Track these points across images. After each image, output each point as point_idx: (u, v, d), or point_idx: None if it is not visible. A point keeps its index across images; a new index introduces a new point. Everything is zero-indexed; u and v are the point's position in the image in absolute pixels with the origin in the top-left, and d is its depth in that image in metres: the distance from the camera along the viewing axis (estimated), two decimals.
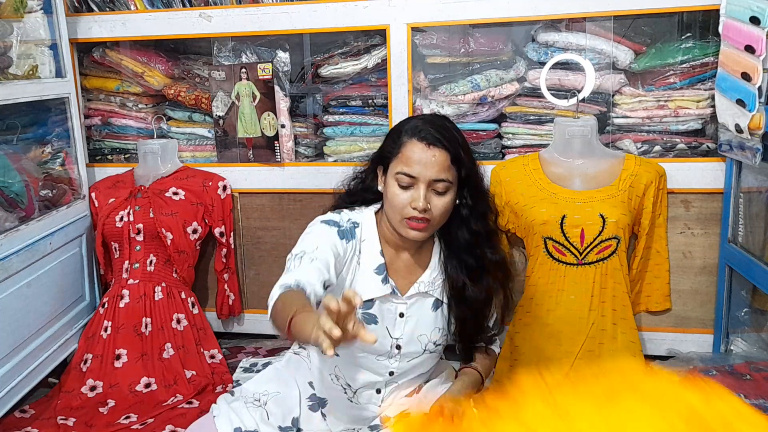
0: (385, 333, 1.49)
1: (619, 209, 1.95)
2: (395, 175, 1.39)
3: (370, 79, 2.33)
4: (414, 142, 1.38)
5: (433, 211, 1.38)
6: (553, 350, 2.01)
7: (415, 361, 1.53)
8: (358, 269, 1.45)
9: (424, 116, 1.49)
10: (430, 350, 1.53)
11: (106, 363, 2.17)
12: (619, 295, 2.00)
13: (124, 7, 2.39)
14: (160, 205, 2.27)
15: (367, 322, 1.47)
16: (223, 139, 2.42)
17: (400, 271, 1.50)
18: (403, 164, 1.38)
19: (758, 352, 1.95)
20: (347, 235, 1.43)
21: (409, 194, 1.37)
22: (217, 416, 1.46)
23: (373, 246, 1.46)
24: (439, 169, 1.37)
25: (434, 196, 1.38)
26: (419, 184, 1.37)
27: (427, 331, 1.52)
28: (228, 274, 2.44)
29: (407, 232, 1.39)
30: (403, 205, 1.37)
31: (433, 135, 1.38)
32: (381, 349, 1.49)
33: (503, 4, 2.10)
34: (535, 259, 2.05)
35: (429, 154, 1.37)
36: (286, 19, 2.25)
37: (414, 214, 1.36)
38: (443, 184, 1.38)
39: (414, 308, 1.49)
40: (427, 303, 1.51)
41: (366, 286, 1.44)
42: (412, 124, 1.42)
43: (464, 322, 1.53)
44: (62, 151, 2.36)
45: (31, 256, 2.07)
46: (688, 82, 2.09)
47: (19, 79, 2.10)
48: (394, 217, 1.40)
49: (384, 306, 1.48)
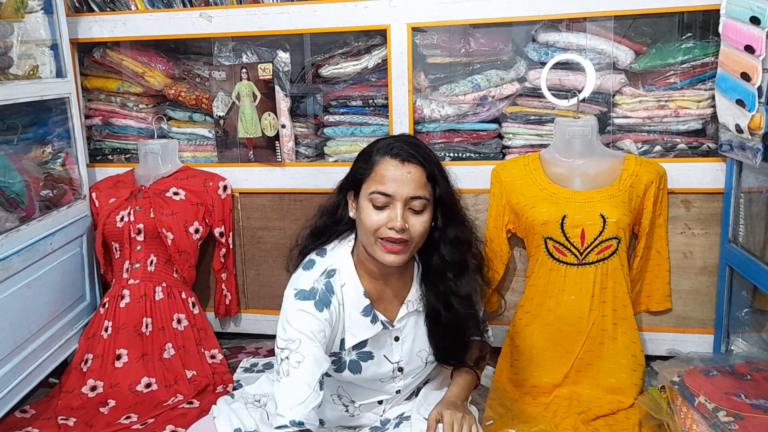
0: (383, 361, 1.47)
1: (619, 209, 1.95)
2: (369, 196, 1.32)
3: (371, 79, 2.33)
4: (387, 160, 1.32)
5: (411, 231, 1.31)
6: (553, 350, 2.01)
7: (419, 375, 1.54)
8: (344, 315, 1.39)
9: (394, 136, 1.44)
10: (430, 361, 1.53)
11: (106, 363, 2.17)
12: (620, 295, 2.00)
13: (125, 7, 2.39)
14: (160, 205, 2.27)
15: (363, 360, 1.45)
16: (223, 139, 2.42)
17: (388, 299, 1.45)
18: (377, 183, 1.31)
19: (759, 352, 1.95)
20: (325, 302, 1.36)
21: (385, 214, 1.30)
22: (217, 417, 1.47)
23: (356, 289, 1.40)
24: (416, 186, 1.30)
25: (411, 216, 1.31)
26: (395, 203, 1.30)
27: (425, 346, 1.51)
28: (226, 274, 2.45)
29: (383, 256, 1.31)
30: (379, 226, 1.30)
31: (407, 151, 1.32)
32: (384, 375, 1.48)
33: (503, 4, 2.10)
34: (535, 259, 2.05)
35: (404, 171, 1.30)
36: (286, 19, 2.25)
37: (391, 234, 1.29)
38: (420, 202, 1.31)
39: (407, 329, 1.47)
40: (419, 320, 1.48)
41: (355, 331, 1.40)
42: (383, 143, 1.36)
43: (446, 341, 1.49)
44: (63, 151, 2.36)
45: (32, 257, 2.07)
46: (689, 82, 2.09)
47: (20, 79, 2.11)
48: (368, 241, 1.33)
49: (378, 340, 1.45)
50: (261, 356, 2.42)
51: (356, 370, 1.45)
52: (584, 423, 1.85)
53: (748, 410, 1.60)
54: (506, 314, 2.29)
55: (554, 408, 1.94)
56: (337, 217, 1.45)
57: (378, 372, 1.47)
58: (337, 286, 1.38)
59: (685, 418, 1.68)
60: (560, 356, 2.01)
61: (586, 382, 1.99)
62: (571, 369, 2.00)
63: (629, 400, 1.94)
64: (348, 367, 1.45)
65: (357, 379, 1.46)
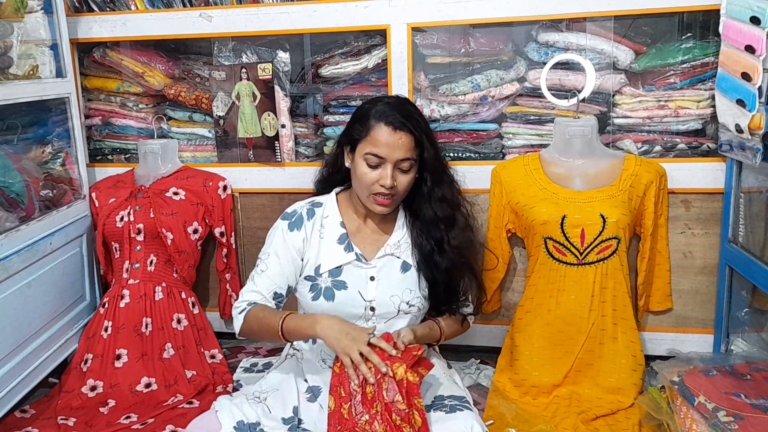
0: (356, 296, 1.59)
1: (619, 209, 1.95)
2: (364, 156, 1.52)
3: (371, 79, 2.33)
4: (381, 126, 1.51)
5: (398, 187, 1.53)
6: (553, 350, 2.01)
7: (392, 322, 1.61)
8: (321, 242, 1.60)
9: (389, 100, 1.58)
10: (404, 311, 1.61)
11: (106, 363, 2.17)
12: (620, 295, 2.00)
13: (125, 7, 2.39)
14: (160, 205, 2.27)
15: (337, 288, 1.60)
16: (223, 139, 2.42)
17: (367, 238, 1.63)
18: (371, 146, 1.51)
19: (758, 352, 1.95)
20: (297, 224, 1.61)
21: (377, 173, 1.52)
22: (219, 410, 1.48)
23: (335, 220, 1.61)
24: (405, 151, 1.51)
25: (399, 174, 1.53)
26: (386, 164, 1.51)
27: (399, 292, 1.60)
28: (230, 274, 2.45)
29: (374, 207, 1.55)
30: (371, 183, 1.52)
31: (400, 120, 1.51)
32: (356, 312, 1.59)
33: (503, 4, 2.11)
34: (535, 259, 2.06)
35: (396, 138, 1.50)
36: (286, 19, 2.25)
37: (381, 190, 1.51)
38: (408, 163, 1.53)
39: (383, 271, 1.60)
40: (395, 265, 1.61)
41: (329, 256, 1.59)
42: (378, 109, 1.53)
43: (435, 285, 1.63)
44: (63, 151, 2.36)
45: (32, 256, 2.07)
46: (689, 82, 2.09)
47: (20, 79, 2.11)
48: (362, 193, 1.56)
49: (353, 272, 1.59)
50: (261, 356, 2.42)
51: (330, 297, 1.60)
52: (584, 423, 1.85)
53: (748, 410, 1.60)
54: (506, 314, 2.29)
55: (554, 408, 1.94)
56: (338, 166, 1.66)
57: (351, 306, 1.59)
58: (319, 215, 1.62)
59: (685, 418, 1.68)
60: (560, 356, 2.01)
61: (586, 382, 1.99)
62: (570, 369, 2.00)
63: (629, 400, 1.94)
64: (323, 293, 1.60)
65: (332, 309, 1.58)
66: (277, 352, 2.43)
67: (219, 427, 1.44)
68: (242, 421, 1.46)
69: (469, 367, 2.24)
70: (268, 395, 1.59)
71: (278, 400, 1.58)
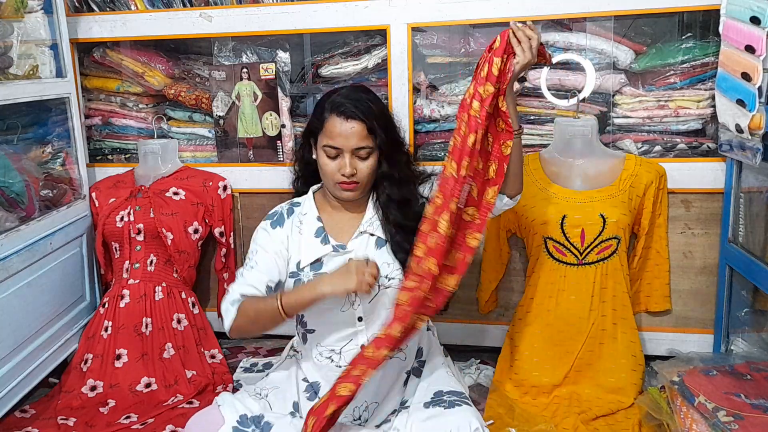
0: None
1: (619, 209, 1.95)
2: (323, 148, 1.56)
3: (371, 79, 2.33)
4: (334, 117, 1.54)
5: (359, 174, 1.56)
6: (553, 350, 2.01)
7: (376, 300, 1.59)
8: (301, 239, 1.62)
9: (342, 91, 1.60)
10: (385, 285, 1.59)
11: (106, 363, 2.17)
12: (620, 295, 2.00)
13: (125, 7, 2.39)
14: (160, 205, 2.27)
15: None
16: (223, 139, 2.42)
17: (343, 227, 1.65)
18: (327, 138, 1.55)
19: (759, 352, 1.95)
20: (279, 222, 1.66)
21: (337, 162, 1.56)
22: (221, 405, 1.49)
23: (312, 215, 1.65)
24: (359, 139, 1.54)
25: (359, 162, 1.56)
26: (344, 154, 1.54)
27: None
28: (227, 274, 2.45)
29: (341, 194, 1.59)
30: (333, 172, 1.56)
31: (350, 109, 1.53)
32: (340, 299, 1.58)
33: (503, 4, 2.11)
34: (535, 259, 2.05)
35: (347, 127, 1.53)
36: (286, 19, 2.25)
37: (343, 179, 1.55)
38: (365, 151, 1.55)
39: (359, 252, 1.61)
40: (371, 243, 1.62)
41: (308, 250, 1.61)
42: (332, 100, 1.57)
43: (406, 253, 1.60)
44: (63, 151, 2.36)
45: (32, 256, 2.07)
46: (689, 82, 2.09)
47: (20, 79, 2.11)
48: (328, 183, 1.60)
49: (333, 261, 1.60)
50: (261, 356, 2.42)
51: None
52: (584, 423, 1.85)
53: (748, 410, 1.60)
54: (506, 314, 2.29)
55: (554, 408, 1.94)
56: (306, 160, 1.69)
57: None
58: (297, 213, 1.67)
59: (685, 417, 1.68)
60: (560, 356, 2.01)
61: (586, 382, 1.99)
62: (571, 369, 2.00)
63: (629, 400, 1.94)
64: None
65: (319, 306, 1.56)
66: (277, 352, 2.44)
67: (222, 421, 1.44)
68: (245, 415, 1.47)
69: (469, 367, 2.24)
70: (269, 392, 1.60)
71: (279, 397, 1.59)
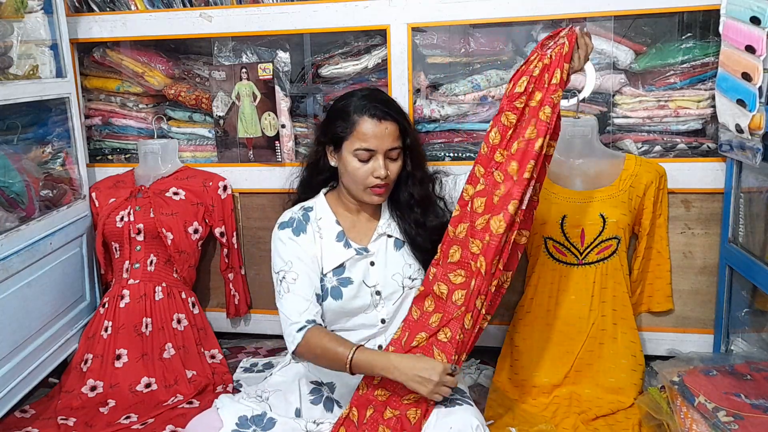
0: (362, 286, 1.60)
1: (619, 209, 1.95)
2: (354, 152, 1.53)
3: (371, 80, 2.33)
4: (366, 119, 1.52)
5: (390, 175, 1.56)
6: (553, 350, 2.01)
7: (399, 302, 1.62)
8: (322, 243, 1.60)
9: (363, 93, 1.59)
10: (408, 286, 1.62)
11: (106, 363, 2.17)
12: (620, 295, 2.00)
13: (125, 7, 2.39)
14: (160, 205, 2.27)
15: (343, 285, 1.59)
16: (223, 139, 2.42)
17: (362, 230, 1.64)
18: (360, 141, 1.52)
19: (759, 352, 1.95)
20: (301, 228, 1.60)
21: (369, 166, 1.53)
22: (220, 408, 1.49)
23: (329, 220, 1.62)
24: (392, 139, 1.54)
25: (390, 163, 1.55)
26: (378, 156, 1.53)
27: (399, 269, 1.62)
28: (232, 274, 2.45)
29: (372, 198, 1.57)
30: (366, 176, 1.54)
31: (382, 110, 1.53)
32: (364, 303, 1.59)
33: (503, 4, 2.10)
34: (535, 259, 2.06)
35: (382, 128, 1.52)
36: (286, 19, 2.25)
37: (376, 182, 1.54)
38: (396, 151, 1.55)
39: (380, 254, 1.61)
40: (389, 244, 1.63)
41: (332, 255, 1.59)
42: (358, 104, 1.54)
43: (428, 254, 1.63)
44: (63, 151, 2.36)
45: (32, 256, 2.07)
46: (689, 82, 2.09)
47: (20, 79, 2.11)
48: (356, 188, 1.57)
49: (355, 266, 1.60)
50: (261, 356, 2.42)
51: (338, 296, 1.59)
52: (584, 423, 1.85)
53: (748, 410, 1.60)
54: (506, 314, 2.29)
55: (554, 408, 1.94)
56: (320, 168, 1.66)
57: (358, 297, 1.60)
58: (313, 218, 1.62)
59: (685, 418, 1.68)
60: (560, 356, 2.01)
61: (586, 382, 1.99)
62: (570, 369, 2.00)
63: (629, 400, 1.94)
64: (330, 293, 1.59)
65: (341, 307, 1.59)
66: (277, 352, 2.44)
67: (221, 424, 1.44)
68: (245, 416, 1.47)
69: (469, 367, 2.24)
70: (270, 395, 1.59)
71: (280, 399, 1.59)
